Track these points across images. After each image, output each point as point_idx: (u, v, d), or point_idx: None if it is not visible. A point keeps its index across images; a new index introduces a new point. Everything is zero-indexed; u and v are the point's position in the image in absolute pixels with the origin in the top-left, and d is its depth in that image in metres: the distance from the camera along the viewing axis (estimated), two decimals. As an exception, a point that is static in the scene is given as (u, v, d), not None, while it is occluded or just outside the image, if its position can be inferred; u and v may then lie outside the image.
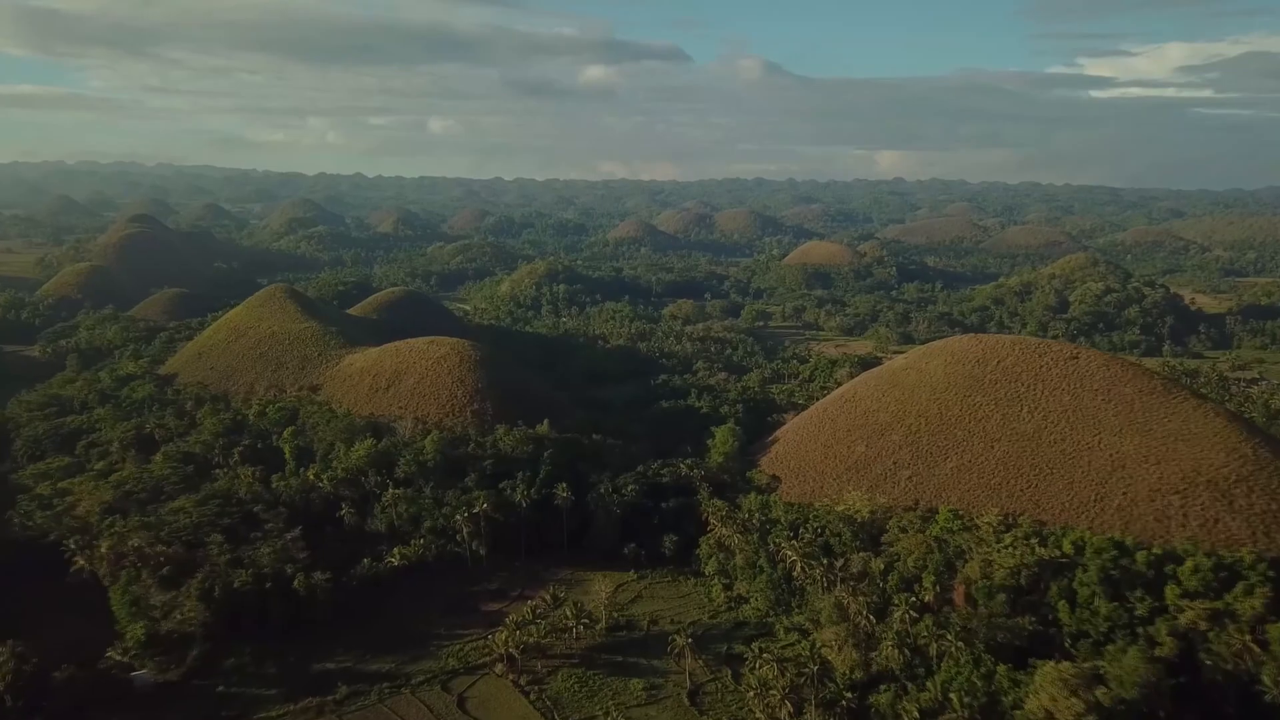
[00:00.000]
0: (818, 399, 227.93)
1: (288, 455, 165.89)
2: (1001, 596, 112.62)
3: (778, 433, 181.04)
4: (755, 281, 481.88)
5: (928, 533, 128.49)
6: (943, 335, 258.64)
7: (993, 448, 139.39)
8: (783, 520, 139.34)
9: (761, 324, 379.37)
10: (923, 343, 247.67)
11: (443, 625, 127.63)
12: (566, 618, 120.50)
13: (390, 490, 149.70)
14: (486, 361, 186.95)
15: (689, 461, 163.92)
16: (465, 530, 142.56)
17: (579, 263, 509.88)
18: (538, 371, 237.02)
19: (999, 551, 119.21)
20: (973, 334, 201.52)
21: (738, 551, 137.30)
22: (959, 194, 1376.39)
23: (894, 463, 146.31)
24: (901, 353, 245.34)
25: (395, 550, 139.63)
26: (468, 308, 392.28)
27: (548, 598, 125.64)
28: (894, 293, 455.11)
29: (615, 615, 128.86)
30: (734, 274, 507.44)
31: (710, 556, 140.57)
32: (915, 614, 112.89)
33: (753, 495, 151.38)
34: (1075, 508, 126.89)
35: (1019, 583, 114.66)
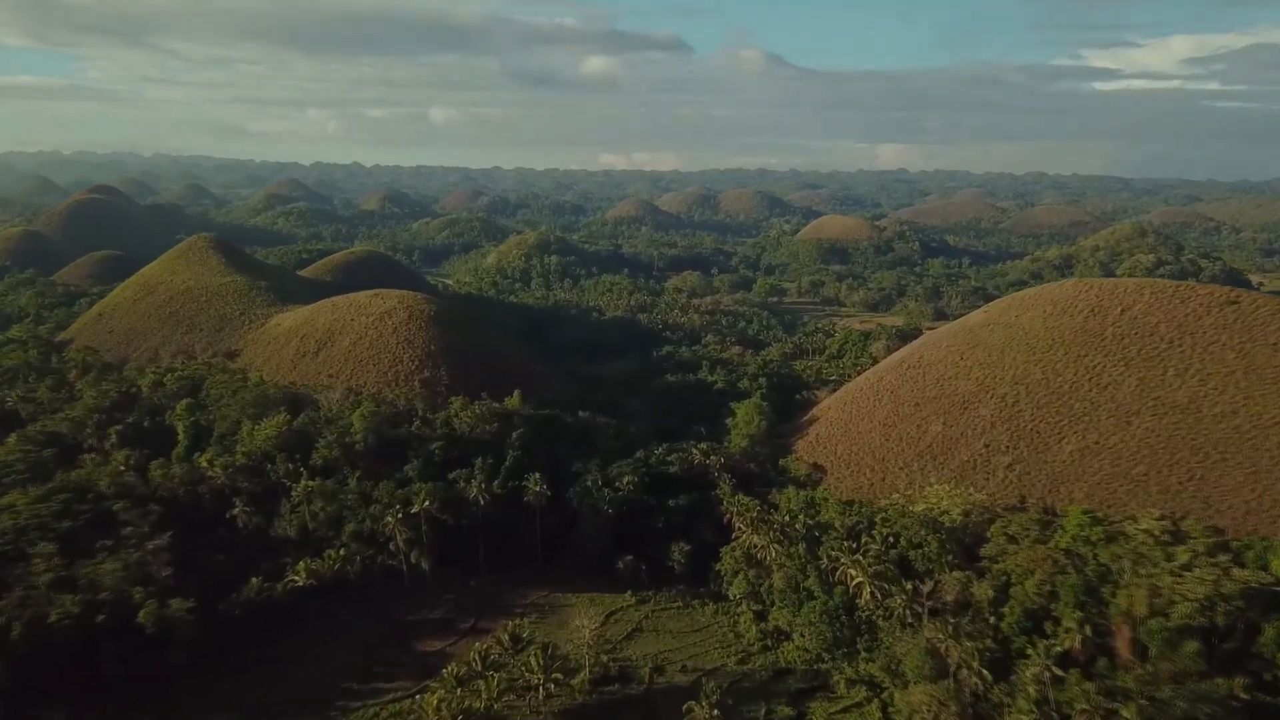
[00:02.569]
0: (852, 377, 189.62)
1: (181, 435, 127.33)
2: (1193, 644, 73.91)
3: (815, 410, 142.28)
4: (766, 258, 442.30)
5: (1052, 543, 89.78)
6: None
7: (1129, 424, 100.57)
8: (838, 525, 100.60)
9: (776, 299, 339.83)
10: (958, 318, 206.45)
11: (356, 676, 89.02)
12: (531, 669, 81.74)
13: (304, 481, 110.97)
14: (445, 318, 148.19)
15: (704, 445, 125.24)
16: (400, 536, 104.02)
17: (574, 238, 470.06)
18: (518, 343, 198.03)
19: (1172, 575, 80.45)
20: (1075, 278, 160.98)
21: (775, 568, 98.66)
22: (965, 183, 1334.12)
23: (985, 445, 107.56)
24: (935, 329, 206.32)
25: (300, 564, 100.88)
26: (450, 282, 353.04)
27: (505, 637, 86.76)
28: (917, 268, 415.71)
29: (604, 659, 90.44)
30: (742, 251, 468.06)
31: (736, 574, 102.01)
32: (1058, 669, 74.29)
33: (791, 490, 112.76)
34: (1269, 508, 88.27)
35: (1213, 622, 76.05)
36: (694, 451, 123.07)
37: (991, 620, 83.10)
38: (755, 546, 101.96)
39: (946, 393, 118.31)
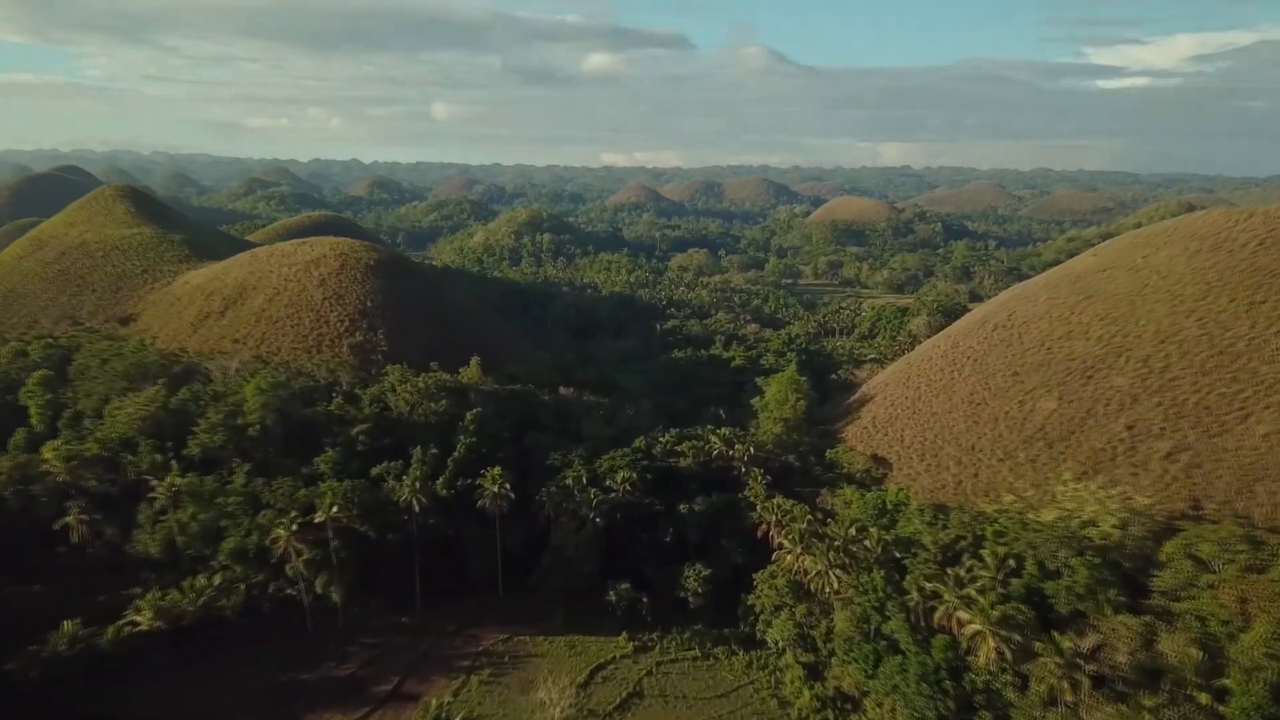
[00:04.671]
0: (891, 357, 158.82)
1: (34, 418, 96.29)
2: None
3: (864, 388, 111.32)
4: (776, 241, 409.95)
5: (1276, 573, 58.33)
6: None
7: (1353, 395, 69.12)
8: (928, 541, 69.13)
9: (790, 281, 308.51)
10: (986, 298, 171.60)
11: (198, 779, 57.84)
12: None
13: (170, 477, 79.62)
14: (389, 270, 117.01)
15: (725, 431, 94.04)
16: (299, 556, 72.83)
17: (571, 220, 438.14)
18: (498, 320, 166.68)
19: None
20: (1222, 207, 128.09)
21: (838, 605, 67.45)
22: (971, 178, 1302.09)
23: (1128, 427, 76.12)
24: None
25: (146, 598, 69.60)
26: (433, 262, 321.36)
27: (426, 724, 55.26)
28: (940, 251, 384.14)
29: (585, 748, 59.34)
30: (750, 234, 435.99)
31: (778, 611, 71.02)
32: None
33: (851, 491, 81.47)
34: None
35: None
36: (712, 439, 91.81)
37: (1205, 700, 51.68)
38: (805, 572, 70.82)
39: (1058, 357, 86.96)
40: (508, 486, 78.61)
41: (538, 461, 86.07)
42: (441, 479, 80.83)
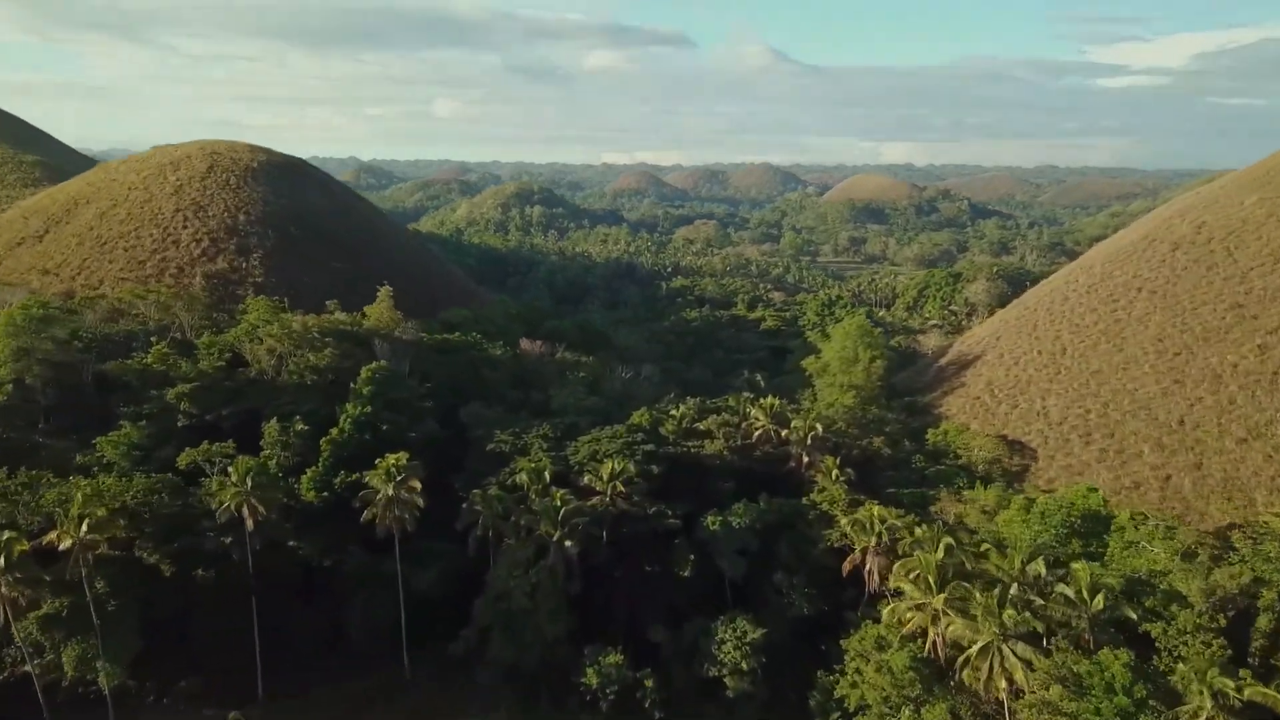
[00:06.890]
0: (950, 332, 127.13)
1: None
2: None
3: (961, 345, 78.86)
4: (789, 221, 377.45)
5: None
6: (1059, 268, 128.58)
7: None
8: (1190, 589, 36.14)
9: (809, 257, 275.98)
10: (1039, 278, 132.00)
11: None
12: None
13: None
14: (277, 177, 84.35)
15: (774, 402, 60.95)
16: (31, 611, 40.07)
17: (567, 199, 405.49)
18: (449, 265, 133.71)
19: None
20: None
21: (1024, 713, 34.49)
22: (977, 174, 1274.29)
23: None
24: (1032, 279, 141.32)
25: None
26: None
27: None
28: (967, 230, 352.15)
29: None
30: (760, 215, 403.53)
31: (894, 712, 38.10)
32: None
33: (989, 492, 48.60)
34: None
35: None
36: (753, 412, 58.99)
37: None
38: (948, 645, 38.05)
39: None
40: (415, 486, 45.97)
41: (476, 446, 53.45)
42: (309, 474, 48.21)
